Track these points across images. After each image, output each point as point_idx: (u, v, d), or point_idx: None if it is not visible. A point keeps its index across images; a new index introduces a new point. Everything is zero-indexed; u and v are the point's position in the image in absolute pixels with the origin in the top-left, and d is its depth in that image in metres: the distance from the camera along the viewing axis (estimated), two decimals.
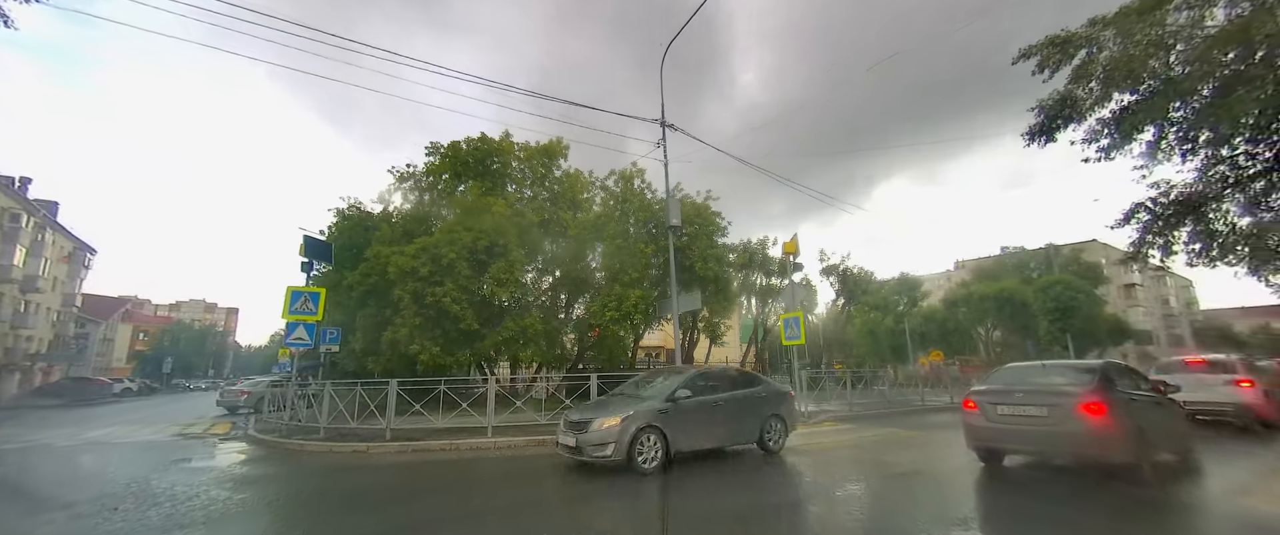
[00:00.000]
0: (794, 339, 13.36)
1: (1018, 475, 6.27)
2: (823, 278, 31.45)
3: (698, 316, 21.01)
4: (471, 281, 16.03)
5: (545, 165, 19.65)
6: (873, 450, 8.20)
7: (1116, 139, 12.81)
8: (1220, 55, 10.67)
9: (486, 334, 15.98)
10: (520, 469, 7.39)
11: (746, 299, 25.85)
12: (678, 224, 14.43)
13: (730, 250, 18.51)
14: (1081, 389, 5.76)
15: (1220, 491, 5.39)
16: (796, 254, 14.01)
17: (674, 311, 14.45)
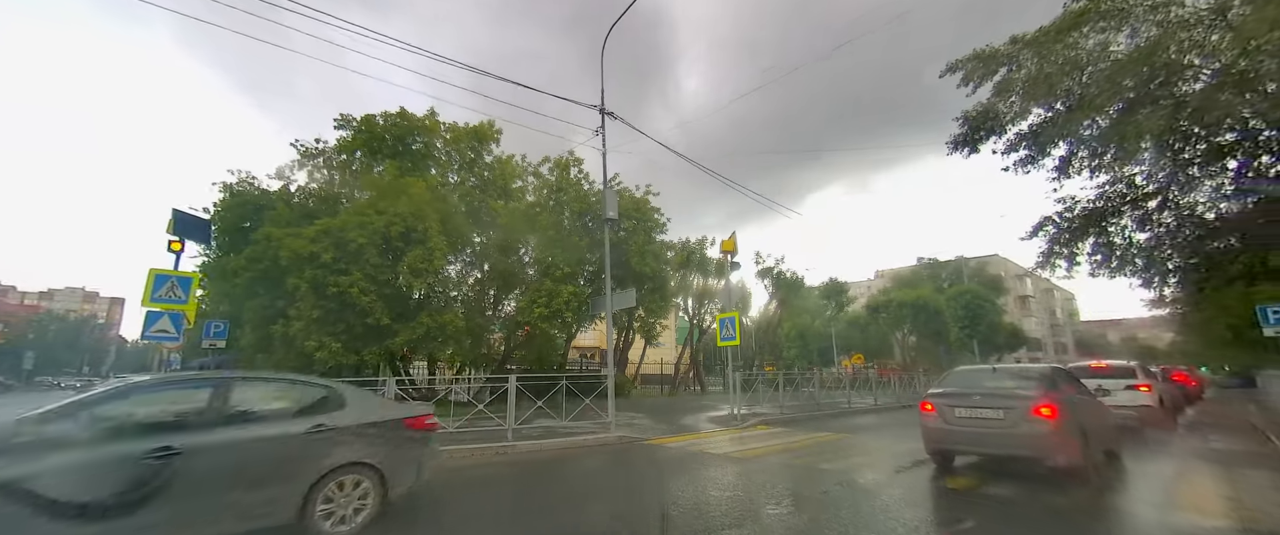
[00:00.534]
0: (729, 340, 12.93)
1: (964, 477, 6.01)
2: (758, 280, 31.77)
3: (634, 316, 20.33)
4: (383, 271, 14.43)
5: (475, 149, 18.22)
6: (807, 455, 7.79)
7: (1033, 152, 13.47)
8: (1125, 79, 11.30)
9: (399, 330, 14.42)
10: None
11: (683, 300, 25.46)
12: (614, 217, 13.62)
13: (668, 248, 18.00)
14: (1035, 392, 5.90)
15: (1152, 501, 5.30)
16: (734, 253, 13.63)
17: (607, 309, 13.60)
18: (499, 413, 8.82)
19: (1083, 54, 12.08)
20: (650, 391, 24.72)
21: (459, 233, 15.69)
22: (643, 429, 10.54)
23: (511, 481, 6.38)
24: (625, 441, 9.02)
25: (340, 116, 16.75)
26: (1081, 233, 13.75)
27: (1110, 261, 13.40)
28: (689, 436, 9.81)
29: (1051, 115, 12.90)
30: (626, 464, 7.37)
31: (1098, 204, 13.51)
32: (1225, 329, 26.78)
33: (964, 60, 13.96)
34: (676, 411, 15.04)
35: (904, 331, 45.43)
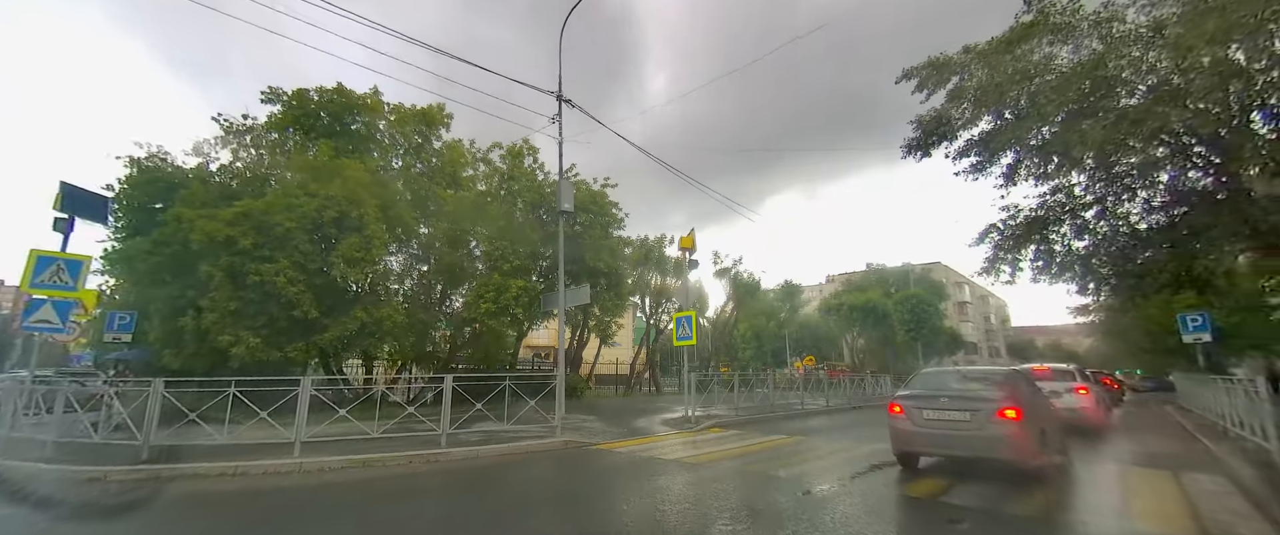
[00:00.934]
0: (685, 339, 12.55)
1: (924, 482, 5.76)
2: (716, 280, 31.75)
3: (589, 314, 19.68)
4: (314, 259, 13.19)
5: (422, 134, 17.07)
6: (762, 461, 7.43)
7: (983, 159, 13.80)
8: (1070, 90, 11.64)
9: (329, 324, 13.21)
10: (298, 504, 5.44)
11: (641, 298, 25.00)
12: (570, 209, 13.00)
13: (626, 244, 17.46)
14: (1000, 395, 6.04)
15: (1111, 509, 5.18)
16: (693, 251, 13.27)
17: (560, 305, 12.95)
18: (434, 416, 8.03)
19: (1031, 65, 12.41)
20: (605, 392, 24.13)
21: (402, 221, 14.57)
22: (592, 432, 9.95)
23: (435, 494, 5.67)
24: (572, 446, 8.41)
25: (268, 89, 15.28)
26: (1024, 240, 14.17)
27: (1051, 268, 13.86)
28: (641, 440, 9.30)
29: (1001, 123, 13.24)
30: (570, 472, 6.78)
31: (1039, 212, 13.97)
32: (1143, 335, 28.83)
33: (919, 67, 14.28)
34: (630, 413, 14.53)
35: (853, 334, 46.75)
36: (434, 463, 7.15)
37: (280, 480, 6.41)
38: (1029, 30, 12.21)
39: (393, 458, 7.08)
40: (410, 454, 7.26)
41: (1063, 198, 13.77)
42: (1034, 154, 13.16)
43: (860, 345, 47.49)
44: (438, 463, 7.17)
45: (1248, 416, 6.98)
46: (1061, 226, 13.79)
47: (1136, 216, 13.15)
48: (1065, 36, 12.14)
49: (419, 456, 7.24)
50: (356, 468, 6.84)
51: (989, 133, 13.52)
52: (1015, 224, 14.28)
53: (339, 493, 5.86)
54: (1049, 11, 11.79)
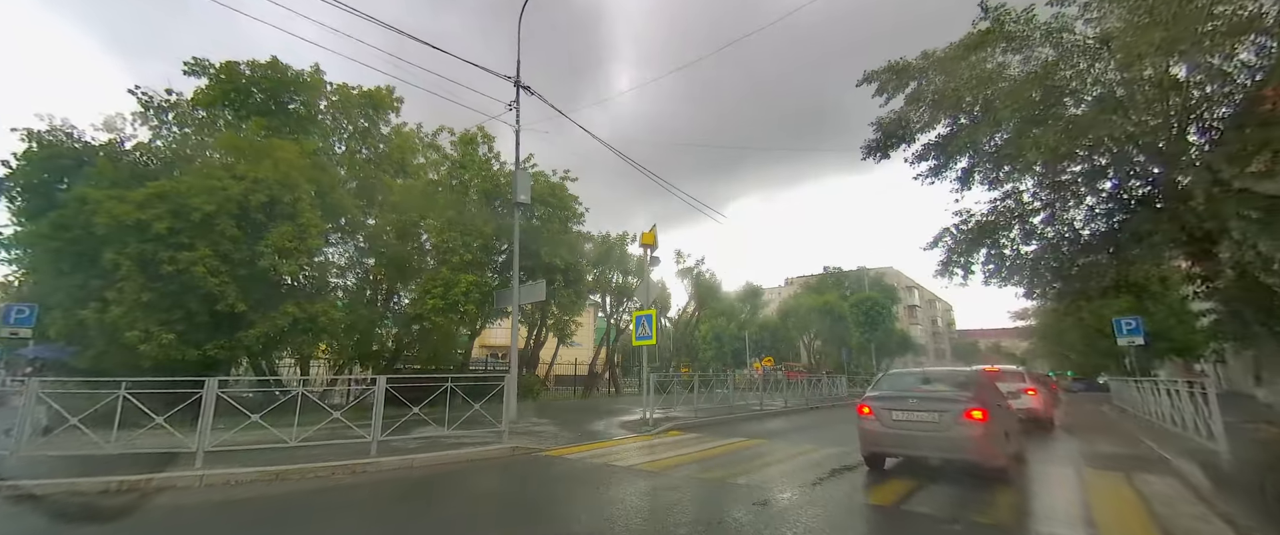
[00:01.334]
0: (645, 339, 12.11)
1: (887, 487, 5.52)
2: (678, 280, 31.52)
3: (547, 312, 18.97)
4: (240, 248, 12.04)
5: (369, 117, 15.96)
6: (721, 467, 7.07)
7: (940, 162, 14.02)
8: (1025, 96, 11.89)
9: (256, 320, 12.10)
10: None
11: (601, 297, 24.41)
12: (526, 201, 12.36)
13: (586, 239, 16.87)
14: (966, 396, 6.09)
15: (1075, 517, 5.05)
16: (654, 247, 12.84)
17: (514, 302, 12.30)
18: (367, 421, 7.27)
19: (986, 73, 12.64)
20: (563, 394, 23.44)
21: (343, 209, 13.52)
22: (544, 437, 9.37)
23: (355, 511, 5.00)
24: (520, 453, 7.81)
25: (192, 60, 13.91)
26: (976, 244, 14.45)
27: (1001, 271, 14.18)
28: (595, 445, 8.80)
29: (957, 128, 13.48)
30: (514, 482, 6.21)
31: (990, 217, 14.31)
32: (1078, 338, 30.46)
33: (879, 71, 14.44)
34: (587, 415, 13.98)
35: (810, 335, 47.69)
36: (360, 474, 6.43)
37: (176, 497, 5.57)
38: (985, 37, 12.41)
39: (313, 469, 6.31)
40: (334, 464, 6.51)
41: (1012, 203, 14.12)
42: (988, 160, 13.44)
43: (817, 346, 48.49)
44: (365, 474, 6.45)
45: (1191, 417, 7.13)
46: (1011, 231, 14.13)
47: (1081, 223, 13.64)
48: (1018, 46, 12.42)
49: (344, 467, 6.50)
50: (268, 481, 6.05)
51: (946, 137, 13.75)
52: (968, 228, 14.57)
53: (243, 510, 5.10)
54: (1004, 19, 12.00)
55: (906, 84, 14.06)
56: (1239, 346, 11.97)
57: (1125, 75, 11.01)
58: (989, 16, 12.22)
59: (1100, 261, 12.74)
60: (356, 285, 16.24)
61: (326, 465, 6.49)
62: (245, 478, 6.06)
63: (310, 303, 12.99)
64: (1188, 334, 25.56)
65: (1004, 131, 12.64)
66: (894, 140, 14.79)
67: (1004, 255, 14.30)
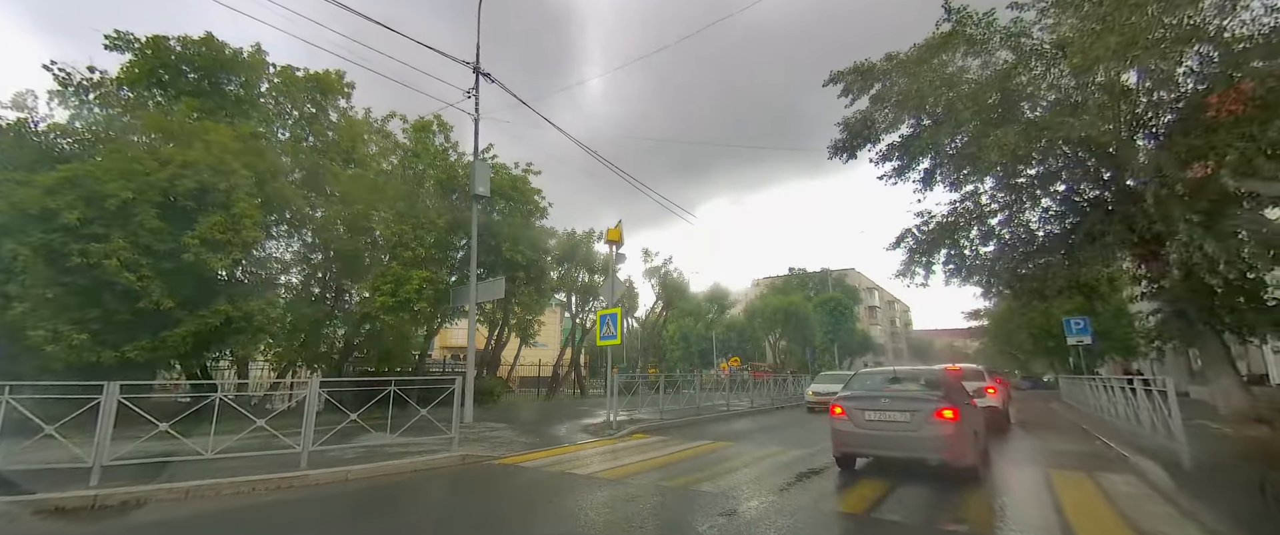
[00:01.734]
0: (609, 338, 11.66)
1: (856, 492, 5.27)
2: (645, 279, 31.17)
3: (509, 311, 18.28)
4: (164, 240, 10.98)
5: (317, 103, 14.94)
6: (686, 472, 6.71)
7: (904, 162, 14.16)
8: (985, 98, 12.06)
9: (184, 319, 11.06)
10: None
11: (567, 296, 23.81)
12: (484, 193, 11.73)
13: (549, 235, 16.27)
14: (937, 396, 6.09)
15: (1048, 524, 4.91)
16: (620, 243, 12.43)
17: (470, 300, 11.66)
18: (296, 429, 6.57)
19: (948, 75, 12.81)
20: (526, 396, 22.73)
21: (284, 199, 12.53)
22: (499, 443, 8.80)
23: (273, 533, 4.39)
24: (470, 462, 7.25)
25: (115, 33, 12.66)
26: (937, 244, 14.68)
27: (961, 271, 14.43)
28: (554, 451, 8.30)
29: (920, 128, 13.64)
30: (460, 495, 5.68)
31: (950, 219, 14.56)
32: (1027, 338, 31.73)
33: (844, 72, 14.55)
34: (549, 419, 13.43)
35: (776, 335, 48.23)
36: (285, 489, 5.76)
37: (59, 524, 4.81)
38: (947, 40, 12.56)
39: (229, 485, 5.61)
40: (255, 479, 5.81)
41: (971, 205, 14.40)
42: (950, 161, 13.64)
43: (782, 346, 49.09)
44: (290, 489, 5.79)
45: (1147, 415, 7.22)
46: (970, 232, 14.40)
47: (1036, 224, 14.00)
48: (978, 50, 12.63)
49: (267, 481, 5.82)
50: (175, 500, 5.33)
51: (909, 137, 13.91)
52: (929, 229, 14.78)
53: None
54: (966, 21, 12.16)
55: (871, 85, 14.20)
56: (1182, 345, 12.43)
57: (1080, 80, 11.30)
58: (951, 18, 12.37)
59: (1054, 262, 13.09)
60: (302, 282, 15.20)
61: (246, 480, 5.79)
62: (147, 496, 5.32)
63: (246, 300, 11.99)
64: (1127, 334, 26.96)
65: (965, 133, 12.83)
66: (860, 140, 14.91)
67: (964, 256, 14.55)
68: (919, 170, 14.36)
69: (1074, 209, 13.06)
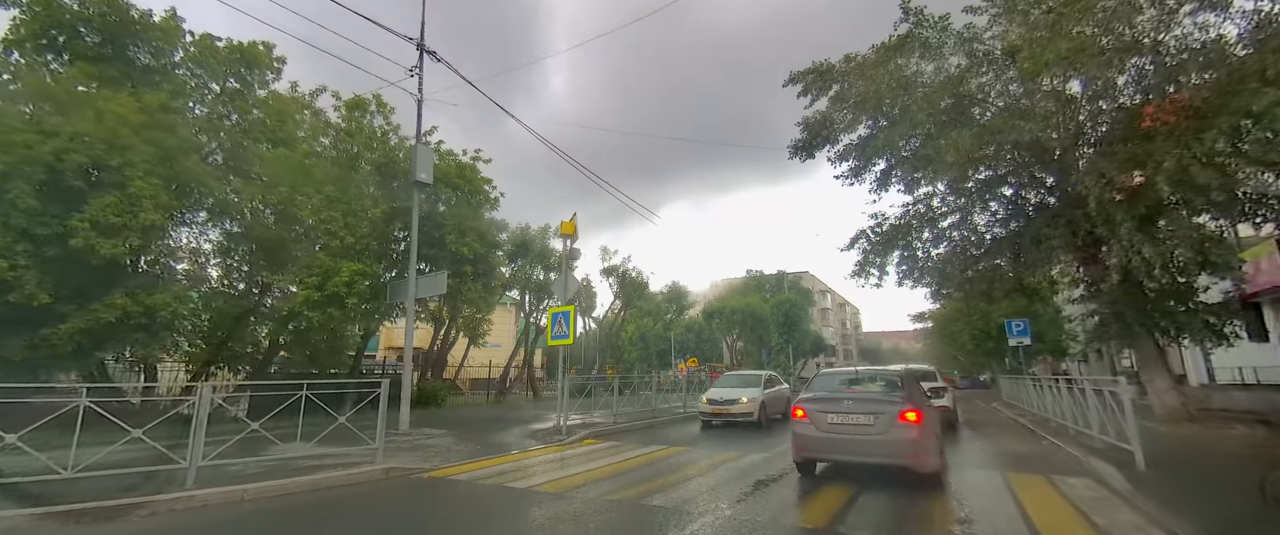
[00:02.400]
0: (561, 338, 11.00)
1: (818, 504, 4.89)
2: (603, 278, 30.51)
3: (457, 309, 17.23)
4: (44, 221, 9.58)
5: (241, 77, 13.52)
6: (636, 483, 6.21)
7: (861, 163, 14.22)
8: (939, 102, 12.17)
9: (70, 314, 9.66)
10: None
11: (521, 294, 22.86)
12: (426, 180, 10.85)
13: (500, 228, 15.38)
14: (900, 397, 5.89)
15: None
16: (575, 237, 11.81)
17: (409, 295, 10.76)
18: (215, 439, 5.61)
19: (905, 78, 12.90)
20: (476, 399, 21.64)
21: (197, 181, 11.19)
22: (434, 453, 8.01)
23: None
24: (395, 476, 6.46)
25: None
26: (890, 245, 14.83)
27: (913, 273, 14.61)
28: (495, 460, 7.60)
29: (877, 129, 13.73)
30: (373, 517, 4.93)
31: (903, 221, 14.75)
32: (968, 339, 33.10)
33: (804, 72, 14.55)
34: (496, 424, 12.63)
35: (733, 336, 48.61)
36: (161, 515, 4.84)
37: None
38: (904, 42, 12.64)
39: (88, 511, 4.66)
40: (127, 502, 4.88)
41: (924, 208, 14.62)
42: (905, 164, 13.76)
43: (739, 347, 49.52)
44: (170, 514, 4.88)
45: (1095, 417, 7.26)
46: (923, 234, 14.60)
47: (984, 227, 14.34)
48: (933, 55, 12.78)
49: (142, 504, 4.89)
50: (22, 528, 4.35)
51: (866, 138, 13.99)
52: (883, 231, 14.92)
53: None
54: (923, 23, 12.25)
55: (830, 86, 14.20)
56: (1119, 346, 12.96)
57: (1027, 87, 11.55)
58: (909, 18, 12.44)
59: (1002, 265, 13.40)
60: (221, 273, 13.74)
61: (115, 504, 4.84)
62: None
63: (149, 293, 10.63)
64: (1058, 335, 28.51)
65: (919, 136, 12.97)
66: (819, 140, 14.91)
67: (916, 257, 14.74)
68: (875, 171, 14.47)
69: (1021, 213, 13.41)
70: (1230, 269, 9.18)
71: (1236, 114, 8.36)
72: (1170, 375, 11.06)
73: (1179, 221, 9.16)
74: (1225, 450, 7.07)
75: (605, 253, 28.84)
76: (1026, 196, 13.35)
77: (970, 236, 14.46)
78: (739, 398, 12.43)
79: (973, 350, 34.97)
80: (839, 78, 13.92)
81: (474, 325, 18.19)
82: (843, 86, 13.76)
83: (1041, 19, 10.58)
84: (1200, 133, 8.83)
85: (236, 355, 14.34)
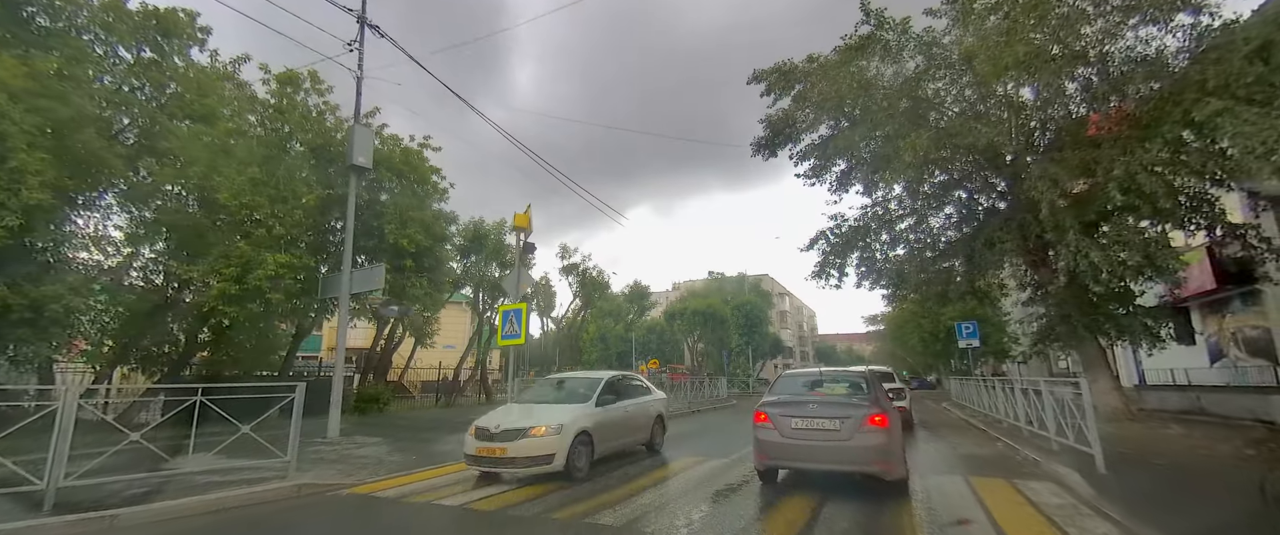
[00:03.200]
0: (512, 337, 10.31)
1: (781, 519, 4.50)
2: (562, 276, 29.73)
3: (403, 306, 16.13)
4: None
5: (159, 46, 12.12)
6: (586, 496, 5.66)
7: (821, 162, 14.19)
8: (898, 103, 12.21)
9: None
10: None
11: (476, 293, 21.82)
12: (365, 164, 9.96)
13: (448, 220, 14.42)
14: (867, 401, 5.65)
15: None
16: (529, 231, 11.14)
17: (343, 290, 9.86)
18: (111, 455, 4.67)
19: (866, 79, 12.92)
20: (423, 403, 20.49)
21: (97, 159, 9.87)
22: (361, 465, 7.20)
23: None
24: (308, 493, 5.67)
25: None
26: (850, 246, 14.89)
27: (871, 274, 14.71)
28: (429, 473, 6.88)
29: (838, 129, 13.73)
30: None
31: (862, 222, 14.83)
32: (918, 341, 34.16)
33: (767, 71, 14.46)
34: (440, 430, 11.78)
35: (694, 338, 48.64)
36: None
37: None
38: (865, 43, 12.64)
39: None
40: None
41: (882, 210, 14.74)
42: (864, 165, 13.80)
43: (700, 349, 49.60)
44: None
45: (1051, 419, 7.23)
46: (881, 236, 14.72)
47: (939, 230, 14.57)
48: (893, 57, 12.85)
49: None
50: None
51: (827, 137, 14.00)
52: (842, 232, 14.96)
53: None
54: (883, 25, 12.28)
55: (793, 86, 14.16)
56: (1064, 347, 13.35)
57: (982, 92, 11.73)
58: (871, 20, 12.45)
59: (956, 267, 13.61)
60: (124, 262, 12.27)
61: None
62: None
63: (36, 284, 9.30)
64: (1000, 338, 29.74)
65: (878, 137, 13.02)
66: (781, 139, 14.86)
67: (874, 258, 14.85)
68: (835, 172, 14.49)
69: (974, 216, 13.65)
70: (1173, 273, 9.48)
71: (1178, 124, 8.62)
72: (1112, 376, 11.41)
73: (1125, 227, 9.39)
74: (1174, 451, 7.17)
75: (565, 251, 28.12)
76: (979, 200, 13.60)
77: (926, 239, 14.68)
78: (531, 426, 6.43)
79: (922, 352, 36.14)
80: (801, 77, 13.91)
81: (421, 324, 17.12)
82: (805, 86, 13.72)
83: (997, 24, 10.76)
84: (1145, 141, 9.09)
85: (151, 356, 12.92)
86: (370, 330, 18.50)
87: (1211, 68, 8.34)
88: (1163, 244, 9.04)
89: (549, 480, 6.19)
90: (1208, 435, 8.61)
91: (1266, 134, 7.22)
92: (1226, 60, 8.23)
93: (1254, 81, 7.97)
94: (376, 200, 12.27)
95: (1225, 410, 11.62)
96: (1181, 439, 8.12)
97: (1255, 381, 12.07)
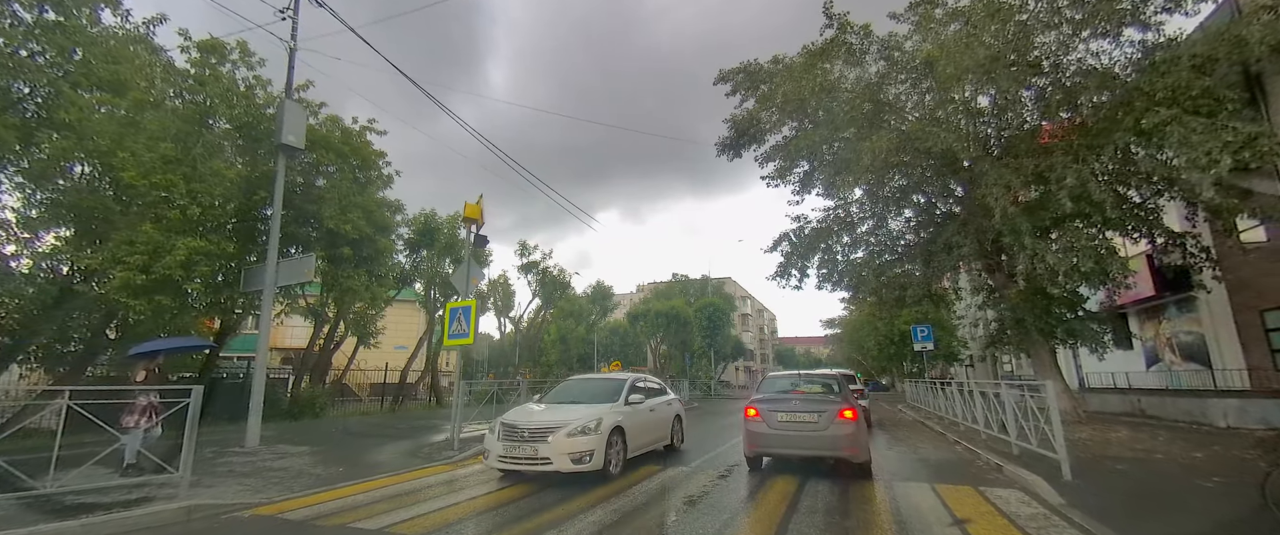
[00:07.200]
0: (459, 337, 9.58)
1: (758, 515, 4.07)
2: (522, 274, 28.80)
3: (344, 303, 14.99)
4: None
5: (65, 7, 10.72)
6: (531, 512, 5.12)
7: (785, 164, 14.11)
8: (860, 106, 12.17)
9: None
10: None
11: (427, 290, 20.71)
12: (295, 143, 9.05)
13: (393, 209, 13.40)
14: (838, 397, 6.76)
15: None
16: (481, 223, 10.45)
17: (268, 283, 8.92)
18: None
19: (830, 82, 12.87)
20: (368, 407, 19.23)
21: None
22: (275, 480, 6.36)
23: None
24: (200, 515, 4.86)
25: None
26: (812, 248, 14.87)
27: (832, 276, 14.71)
28: (355, 487, 6.12)
29: (801, 131, 13.68)
30: None
31: (824, 225, 14.84)
32: (874, 344, 34.96)
33: (733, 71, 14.42)
34: (379, 437, 10.89)
35: (657, 339, 48.37)
36: None
37: None
38: (830, 45, 12.59)
39: None
40: None
41: (843, 213, 14.79)
42: (826, 167, 13.76)
43: (663, 351, 49.36)
44: None
45: (1012, 424, 7.16)
46: (842, 238, 14.76)
47: (898, 234, 14.71)
48: (856, 60, 12.86)
49: None
50: None
51: (790, 139, 13.94)
52: (805, 234, 14.93)
53: None
54: (846, 29, 12.25)
55: (758, 87, 14.13)
56: (1016, 350, 13.66)
57: (941, 97, 11.82)
58: (834, 23, 12.39)
59: (913, 270, 13.74)
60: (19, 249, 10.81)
61: None
62: None
63: None
64: (950, 341, 30.75)
65: (841, 140, 13.01)
66: (746, 139, 14.77)
67: (835, 260, 14.88)
68: (798, 173, 14.45)
69: (932, 220, 13.80)
70: (1123, 280, 9.70)
71: (1129, 132, 8.81)
72: (1062, 379, 11.67)
73: (1077, 234, 9.55)
74: (1130, 455, 7.21)
75: (524, 248, 27.22)
76: (938, 205, 13.78)
77: (886, 241, 14.83)
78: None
79: (877, 355, 36.98)
80: (766, 78, 13.88)
81: (364, 322, 15.99)
82: (769, 87, 13.64)
83: (957, 32, 10.86)
84: (1096, 149, 9.27)
85: (54, 354, 11.47)
86: (309, 328, 17.19)
87: (1160, 80, 8.55)
88: (1113, 251, 9.23)
89: (502, 491, 5.56)
90: (1155, 438, 8.81)
91: (1211, 145, 7.40)
92: (1173, 72, 8.47)
93: (1200, 94, 8.21)
94: (313, 185, 11.24)
95: (1164, 413, 12.10)
96: (1132, 442, 8.24)
97: (1189, 385, 12.63)
